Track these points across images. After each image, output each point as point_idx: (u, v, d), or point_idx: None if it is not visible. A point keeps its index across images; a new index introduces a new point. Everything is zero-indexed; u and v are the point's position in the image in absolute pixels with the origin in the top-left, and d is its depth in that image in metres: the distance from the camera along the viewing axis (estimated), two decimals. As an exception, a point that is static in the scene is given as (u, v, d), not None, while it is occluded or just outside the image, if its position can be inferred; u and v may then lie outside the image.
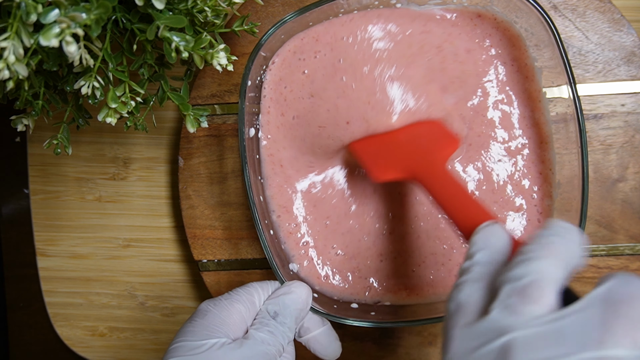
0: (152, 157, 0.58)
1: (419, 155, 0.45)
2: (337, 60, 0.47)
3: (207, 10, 0.42)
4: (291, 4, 0.53)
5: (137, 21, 0.41)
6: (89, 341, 0.60)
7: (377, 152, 0.46)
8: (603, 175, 0.52)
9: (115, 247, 0.59)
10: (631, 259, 0.52)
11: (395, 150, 0.46)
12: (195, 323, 0.40)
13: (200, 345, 0.38)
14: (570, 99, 0.44)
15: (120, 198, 0.58)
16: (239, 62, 0.53)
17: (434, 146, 0.45)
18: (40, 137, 0.59)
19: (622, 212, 0.52)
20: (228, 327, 0.39)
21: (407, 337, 0.54)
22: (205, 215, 0.55)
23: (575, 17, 0.52)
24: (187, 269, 0.59)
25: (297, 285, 0.43)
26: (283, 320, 0.40)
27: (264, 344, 0.39)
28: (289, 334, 0.41)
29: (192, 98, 0.55)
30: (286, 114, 0.49)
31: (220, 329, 0.39)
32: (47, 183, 0.59)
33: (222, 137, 0.55)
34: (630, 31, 0.51)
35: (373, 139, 0.47)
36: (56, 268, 0.59)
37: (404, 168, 0.44)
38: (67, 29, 0.34)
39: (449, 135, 0.46)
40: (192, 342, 0.38)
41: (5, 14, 0.35)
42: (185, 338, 0.39)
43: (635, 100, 0.52)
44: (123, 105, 0.43)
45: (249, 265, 0.55)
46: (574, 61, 0.52)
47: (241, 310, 0.41)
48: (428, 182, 0.42)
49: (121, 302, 0.59)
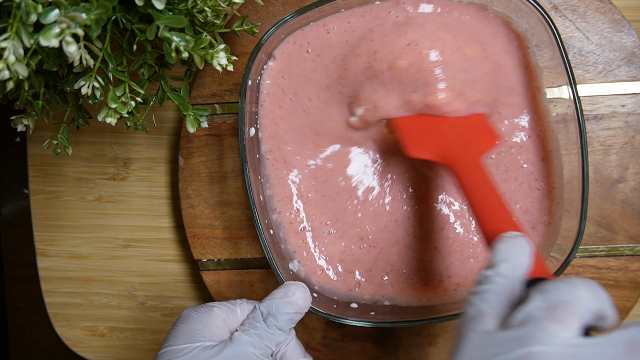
0: (152, 157, 0.58)
1: (458, 143, 0.44)
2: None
3: (207, 10, 0.42)
4: (291, 3, 0.53)
5: (137, 21, 0.41)
6: (89, 341, 0.60)
7: (418, 130, 0.46)
8: (603, 175, 0.52)
9: (115, 247, 0.59)
10: (631, 260, 0.52)
11: (435, 131, 0.45)
12: (179, 328, 0.40)
13: (183, 348, 0.38)
14: (571, 100, 0.44)
15: (120, 198, 0.58)
16: (239, 62, 0.53)
17: (475, 138, 0.45)
18: (40, 137, 0.59)
19: (622, 213, 0.52)
20: (210, 330, 0.40)
21: (407, 337, 0.54)
22: (205, 214, 0.55)
23: (575, 17, 0.52)
24: (187, 269, 0.59)
25: (294, 286, 0.43)
26: (274, 322, 0.40)
27: (248, 345, 0.39)
28: (279, 337, 0.40)
29: (192, 98, 0.55)
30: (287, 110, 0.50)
31: (202, 332, 0.40)
32: (47, 183, 0.59)
33: (222, 137, 0.55)
34: (631, 32, 0.51)
35: (417, 117, 0.46)
36: (56, 268, 0.59)
37: (440, 150, 0.44)
38: (67, 29, 0.34)
39: (491, 131, 0.46)
40: (176, 346, 0.39)
41: (5, 14, 0.35)
42: (170, 343, 0.39)
43: (636, 101, 0.52)
44: (123, 105, 0.43)
45: (249, 265, 0.55)
46: (575, 62, 0.52)
47: (221, 315, 0.41)
48: (461, 172, 0.42)
49: (121, 302, 0.59)
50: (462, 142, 0.44)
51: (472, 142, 0.44)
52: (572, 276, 0.31)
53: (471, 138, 0.45)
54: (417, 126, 0.46)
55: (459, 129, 0.45)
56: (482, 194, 0.39)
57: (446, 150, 0.44)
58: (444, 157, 0.44)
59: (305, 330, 0.55)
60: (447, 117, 0.46)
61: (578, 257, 0.52)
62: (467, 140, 0.45)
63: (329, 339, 0.55)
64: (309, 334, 0.55)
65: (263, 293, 0.55)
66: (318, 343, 0.55)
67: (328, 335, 0.55)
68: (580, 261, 0.52)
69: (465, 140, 0.45)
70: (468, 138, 0.45)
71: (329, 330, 0.55)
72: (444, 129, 0.46)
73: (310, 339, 0.55)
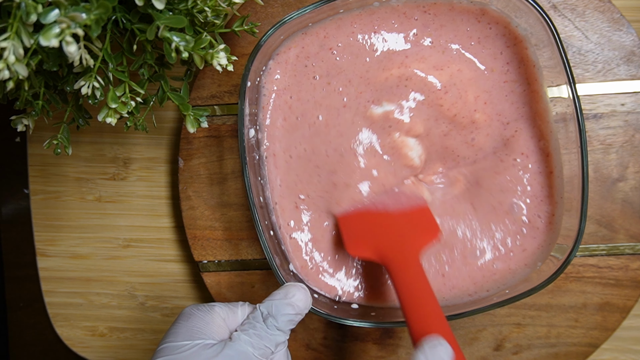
0: (152, 157, 0.58)
1: (396, 238, 0.45)
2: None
3: (207, 11, 0.42)
4: (291, 4, 0.53)
5: (137, 21, 0.41)
6: (89, 341, 0.60)
7: (358, 228, 0.47)
8: (603, 174, 0.52)
9: (115, 247, 0.59)
10: (631, 259, 0.52)
11: (375, 228, 0.46)
12: (180, 325, 0.40)
13: (183, 345, 0.39)
14: (570, 99, 0.44)
15: (120, 198, 0.58)
16: (239, 63, 0.54)
17: (415, 232, 0.46)
18: (40, 137, 0.59)
19: (622, 212, 0.52)
20: (211, 329, 0.40)
21: (407, 337, 0.54)
22: (206, 216, 0.55)
23: (574, 16, 0.52)
24: (187, 269, 0.59)
25: (295, 288, 0.43)
26: (273, 322, 0.40)
27: (247, 345, 0.39)
28: (278, 337, 0.40)
29: (192, 99, 0.55)
30: (287, 112, 0.49)
31: (203, 331, 0.40)
32: (47, 183, 0.59)
33: (222, 138, 0.55)
34: (630, 31, 0.51)
35: (359, 214, 0.47)
36: (56, 268, 0.59)
37: (377, 250, 0.45)
38: (67, 29, 0.34)
39: (433, 224, 0.47)
40: (176, 342, 0.39)
41: (5, 14, 0.35)
42: (170, 339, 0.39)
43: (635, 99, 0.52)
44: (123, 105, 0.43)
45: (249, 266, 0.55)
46: (574, 61, 0.52)
47: (221, 314, 0.41)
48: (395, 271, 0.42)
49: (121, 302, 0.59)
50: (401, 238, 0.45)
51: (411, 237, 0.45)
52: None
53: (411, 232, 0.45)
54: (357, 223, 0.47)
55: (399, 223, 0.46)
56: (414, 296, 0.40)
57: (384, 247, 0.45)
58: (381, 256, 0.44)
59: (306, 331, 0.55)
60: (388, 212, 0.46)
61: (578, 256, 0.53)
62: (407, 236, 0.45)
63: (329, 340, 0.55)
64: (309, 334, 0.55)
65: (264, 294, 0.55)
66: (319, 344, 0.55)
67: (329, 335, 0.55)
68: (581, 260, 0.52)
69: (404, 235, 0.45)
70: (408, 233, 0.45)
71: (329, 331, 0.55)
72: (383, 224, 0.46)
73: (311, 340, 0.55)
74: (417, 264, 0.42)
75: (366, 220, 0.47)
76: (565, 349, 0.53)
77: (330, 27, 0.49)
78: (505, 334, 0.53)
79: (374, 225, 0.47)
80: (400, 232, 0.46)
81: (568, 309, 0.53)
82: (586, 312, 0.53)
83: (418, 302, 0.39)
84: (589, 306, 0.53)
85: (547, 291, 0.53)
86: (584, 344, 0.53)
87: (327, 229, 0.50)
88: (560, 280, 0.53)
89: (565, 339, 0.53)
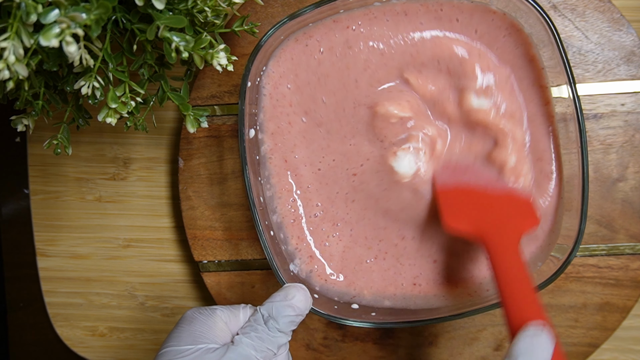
0: (152, 157, 0.58)
1: (498, 220, 0.44)
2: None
3: (207, 11, 0.42)
4: (291, 4, 0.53)
5: (137, 21, 0.41)
6: (89, 341, 0.60)
7: (458, 201, 0.46)
8: (603, 174, 0.52)
9: (115, 247, 0.59)
10: (631, 259, 0.52)
11: (476, 205, 0.45)
12: (182, 329, 0.40)
13: (186, 349, 0.38)
14: (570, 99, 0.44)
15: (120, 198, 0.58)
16: (239, 63, 0.54)
17: (515, 216, 0.45)
18: (40, 137, 0.59)
19: (623, 212, 0.52)
20: (213, 333, 0.40)
21: (408, 337, 0.54)
22: (206, 216, 0.55)
23: (574, 16, 0.52)
24: (187, 269, 0.59)
25: (294, 289, 0.42)
26: (274, 324, 0.40)
27: (249, 348, 0.39)
28: (279, 339, 0.40)
29: (192, 99, 0.55)
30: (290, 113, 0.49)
31: (206, 335, 0.40)
32: (47, 183, 0.59)
33: (222, 138, 0.55)
34: (630, 31, 0.51)
35: (459, 189, 0.46)
36: (56, 268, 0.59)
37: (479, 226, 0.44)
38: (67, 29, 0.34)
39: (532, 211, 0.46)
40: (179, 347, 0.39)
41: (5, 14, 0.35)
42: (172, 343, 0.39)
43: (635, 99, 0.52)
44: (123, 105, 0.43)
45: (250, 266, 0.55)
46: (574, 61, 0.52)
47: (223, 317, 0.41)
48: (495, 253, 0.41)
49: (121, 302, 0.59)
50: (502, 220, 0.44)
51: (512, 221, 0.44)
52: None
53: (512, 216, 0.44)
54: (457, 198, 0.46)
55: (502, 205, 0.45)
56: (513, 281, 0.39)
57: (485, 226, 0.43)
58: (482, 234, 0.43)
59: (306, 331, 0.55)
60: (490, 192, 0.46)
61: (579, 256, 0.53)
62: (508, 218, 0.44)
63: (329, 340, 0.55)
64: (310, 334, 0.55)
65: (264, 294, 0.55)
66: (319, 344, 0.55)
67: (329, 335, 0.55)
68: (581, 260, 0.52)
69: (506, 217, 0.44)
70: (509, 215, 0.44)
71: (329, 331, 0.55)
72: (485, 203, 0.45)
73: (311, 340, 0.55)
74: (517, 249, 0.41)
75: (469, 196, 0.46)
76: (565, 349, 0.53)
77: (331, 27, 0.49)
78: (505, 334, 0.53)
79: (476, 202, 0.46)
80: (503, 214, 0.45)
81: (568, 309, 0.53)
82: (586, 312, 0.53)
83: (518, 289, 0.38)
84: (589, 306, 0.53)
85: (547, 291, 0.53)
86: (584, 344, 0.53)
87: (330, 231, 0.50)
88: (560, 280, 0.53)
89: (565, 339, 0.53)
